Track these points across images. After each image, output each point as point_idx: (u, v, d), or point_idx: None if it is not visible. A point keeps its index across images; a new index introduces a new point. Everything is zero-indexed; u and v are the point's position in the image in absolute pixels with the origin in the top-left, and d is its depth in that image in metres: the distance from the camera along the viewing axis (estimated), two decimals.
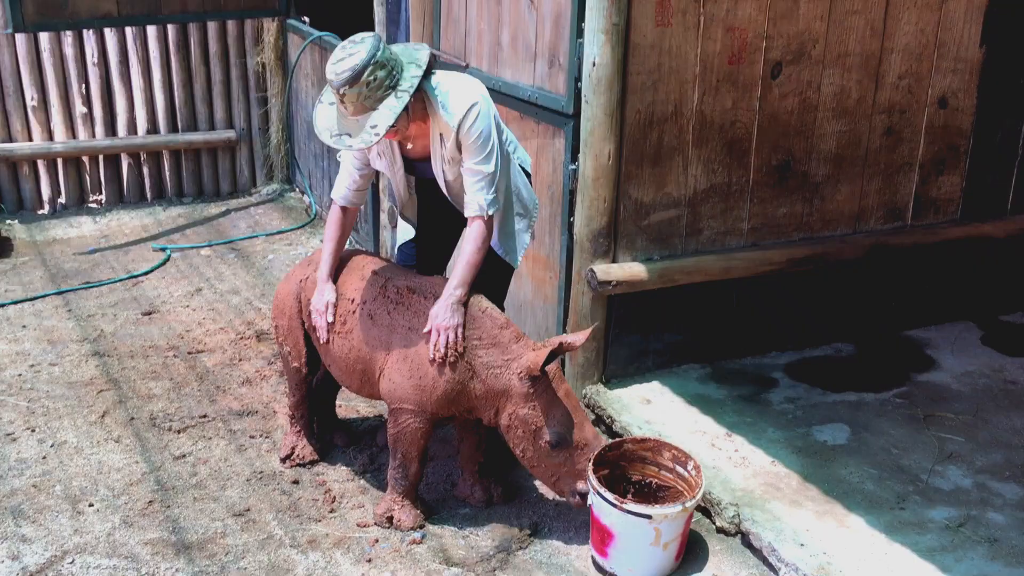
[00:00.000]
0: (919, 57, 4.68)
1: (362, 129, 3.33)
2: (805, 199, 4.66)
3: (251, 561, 3.48)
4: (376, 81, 3.27)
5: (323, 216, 7.03)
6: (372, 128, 3.31)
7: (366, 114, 3.31)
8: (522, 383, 3.40)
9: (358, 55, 3.26)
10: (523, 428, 3.43)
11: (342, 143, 3.39)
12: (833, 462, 3.91)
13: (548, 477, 3.50)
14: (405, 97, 3.31)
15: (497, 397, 3.45)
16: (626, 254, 4.33)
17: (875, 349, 4.90)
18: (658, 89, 4.15)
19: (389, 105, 3.30)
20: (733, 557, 3.51)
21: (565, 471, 3.46)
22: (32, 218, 7.09)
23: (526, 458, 3.49)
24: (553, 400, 3.42)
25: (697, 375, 4.58)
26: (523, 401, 3.41)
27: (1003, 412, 4.32)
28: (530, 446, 3.44)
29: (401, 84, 3.33)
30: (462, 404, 3.52)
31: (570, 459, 3.44)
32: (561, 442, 3.41)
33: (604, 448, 3.62)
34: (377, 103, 3.30)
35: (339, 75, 3.26)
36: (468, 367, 3.46)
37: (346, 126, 3.37)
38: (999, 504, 3.66)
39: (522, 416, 3.42)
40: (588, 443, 3.45)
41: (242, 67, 7.43)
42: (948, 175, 4.97)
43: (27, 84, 6.91)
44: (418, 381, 3.48)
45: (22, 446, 4.19)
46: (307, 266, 3.89)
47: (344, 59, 3.27)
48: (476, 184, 3.49)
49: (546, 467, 3.47)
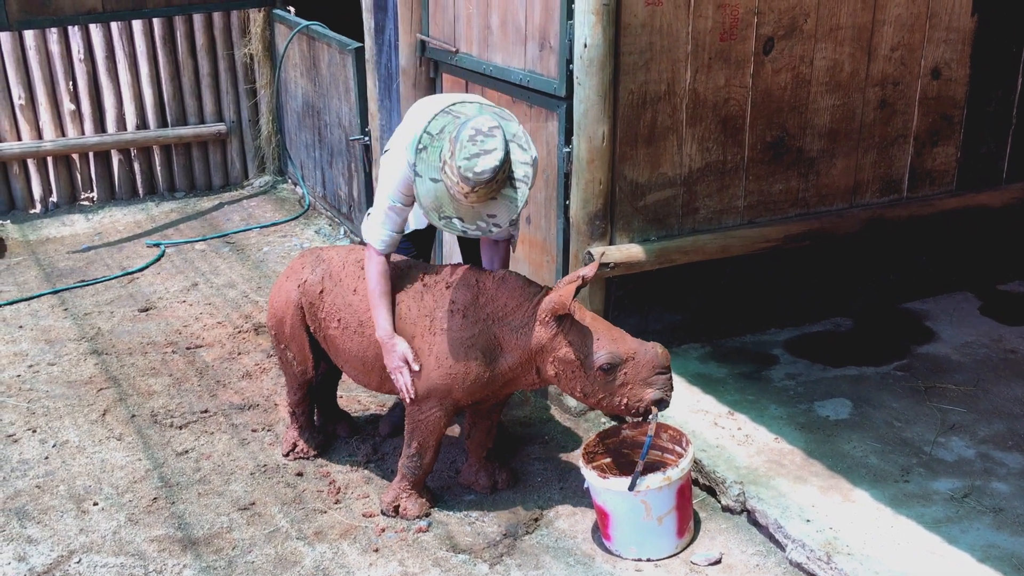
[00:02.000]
0: (911, 28, 4.65)
1: (478, 217, 3.29)
2: (800, 175, 4.65)
3: (258, 554, 3.48)
4: (503, 175, 3.24)
5: (316, 207, 7.00)
6: (490, 218, 3.29)
7: (483, 203, 3.28)
8: (548, 328, 3.38)
9: (496, 154, 3.18)
10: (571, 367, 3.38)
11: (454, 227, 3.33)
12: (836, 437, 3.92)
13: (617, 404, 3.40)
14: (524, 188, 3.29)
15: (534, 355, 3.43)
16: (623, 236, 4.31)
17: (874, 323, 4.90)
18: (650, 68, 4.13)
19: (510, 196, 3.29)
20: (739, 535, 3.52)
21: (629, 388, 3.37)
22: (24, 218, 7.06)
23: (587, 396, 3.42)
24: (584, 329, 3.38)
25: (697, 354, 4.58)
26: (558, 343, 3.37)
27: (1004, 382, 4.33)
28: (586, 381, 3.38)
29: (516, 172, 3.30)
30: (495, 383, 3.50)
31: (629, 373, 3.36)
32: (612, 361, 3.34)
33: (602, 435, 3.63)
34: (497, 193, 3.27)
35: (479, 175, 3.17)
36: (495, 343, 3.45)
37: (457, 209, 3.30)
38: (1003, 474, 3.67)
39: (563, 356, 3.38)
40: (636, 351, 3.37)
41: (230, 59, 7.38)
42: (943, 146, 4.96)
43: (14, 83, 6.86)
44: (448, 370, 3.45)
45: (24, 447, 4.17)
46: (303, 269, 3.81)
47: (481, 156, 3.18)
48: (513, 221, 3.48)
49: (610, 394, 3.38)
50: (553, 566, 3.40)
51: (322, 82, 6.50)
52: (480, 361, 3.44)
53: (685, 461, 3.39)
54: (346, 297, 3.66)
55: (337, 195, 6.61)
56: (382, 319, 3.52)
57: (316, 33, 6.43)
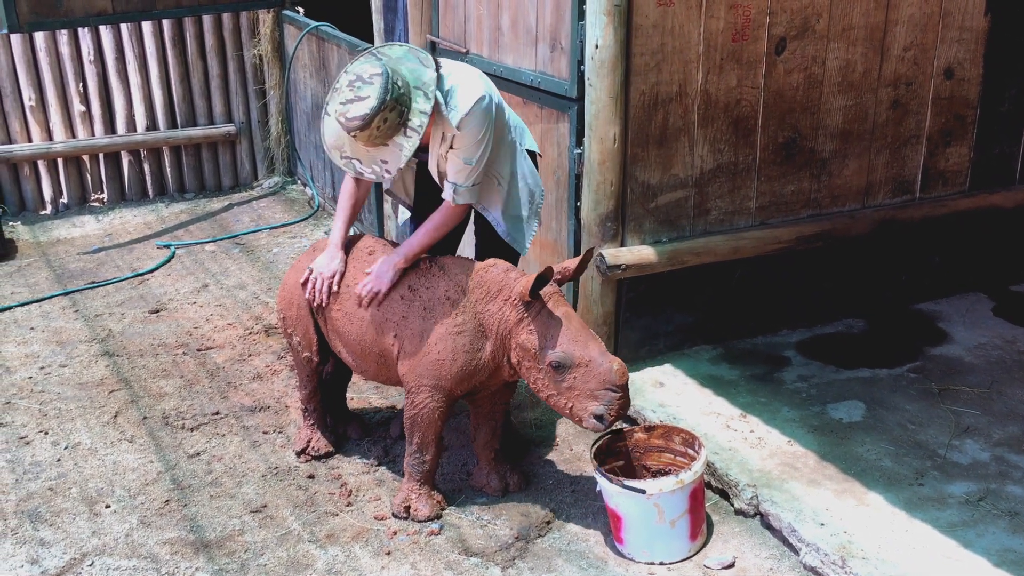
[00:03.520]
0: (924, 28, 4.63)
1: (373, 161, 3.36)
2: (813, 175, 4.63)
3: (271, 557, 3.48)
4: (387, 123, 3.26)
5: (326, 207, 7.00)
6: (383, 163, 3.35)
7: (376, 148, 3.32)
8: (516, 310, 3.38)
9: (367, 102, 3.21)
10: (527, 356, 3.36)
11: (351, 167, 3.42)
12: (849, 440, 3.90)
13: (562, 406, 3.34)
14: (415, 137, 3.30)
15: (505, 339, 3.43)
16: (634, 237, 4.30)
17: (887, 324, 4.87)
18: (662, 70, 4.11)
19: (400, 144, 3.30)
20: (753, 539, 3.50)
21: (576, 394, 3.30)
22: (35, 219, 7.07)
23: (539, 389, 3.38)
24: (549, 321, 3.33)
25: (709, 356, 4.57)
26: (520, 327, 3.37)
27: (1018, 383, 4.30)
28: (539, 374, 3.35)
29: (411, 122, 3.31)
30: (481, 373, 3.50)
31: (578, 379, 3.28)
32: (563, 361, 3.28)
33: (613, 438, 3.60)
34: (387, 140, 3.30)
35: (349, 121, 3.23)
36: (480, 329, 3.46)
37: (356, 150, 3.39)
38: (1018, 477, 3.64)
39: (522, 343, 3.36)
40: (593, 359, 3.27)
41: (239, 60, 7.38)
42: (955, 146, 4.94)
43: (24, 84, 6.87)
44: (436, 356, 3.47)
45: (36, 449, 4.18)
46: (313, 253, 3.87)
47: (353, 102, 3.22)
48: (456, 173, 3.51)
49: (558, 393, 3.33)
50: (566, 569, 3.39)
51: (332, 83, 6.49)
52: (466, 348, 3.45)
53: (698, 464, 3.38)
54: (348, 281, 3.70)
55: None
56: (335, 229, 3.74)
57: (326, 34, 6.42)
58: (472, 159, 3.48)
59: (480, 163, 3.51)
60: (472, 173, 3.51)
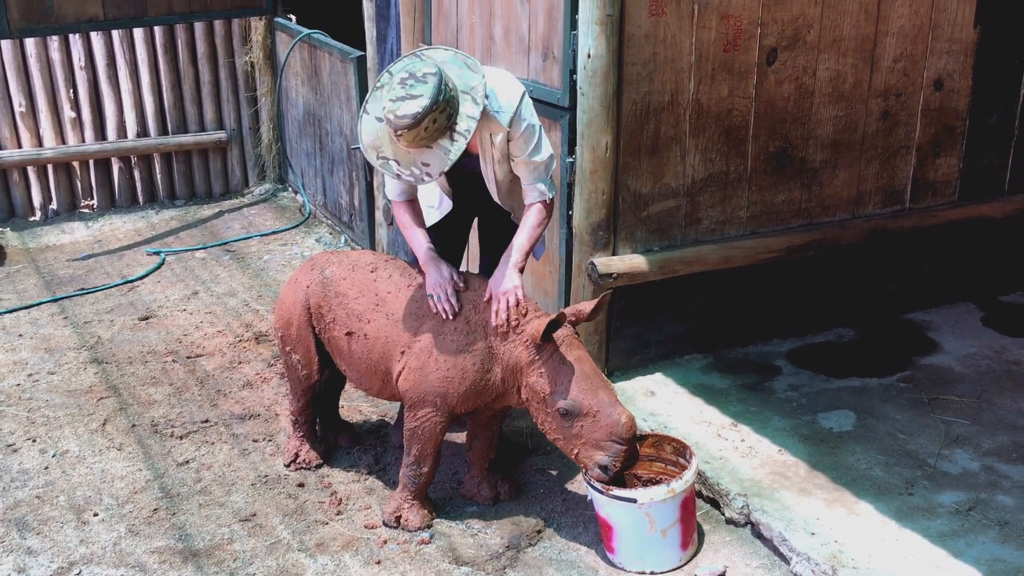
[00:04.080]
0: (914, 39, 4.66)
1: (412, 163, 3.25)
2: (803, 185, 4.64)
3: (260, 566, 3.46)
4: (435, 124, 3.16)
5: (317, 215, 6.99)
6: (425, 166, 3.23)
7: (418, 149, 3.22)
8: (528, 351, 3.37)
9: (420, 100, 3.11)
10: (535, 398, 3.37)
11: (388, 168, 3.29)
12: (840, 449, 3.91)
13: (570, 450, 3.36)
14: (462, 142, 3.21)
15: (516, 374, 3.42)
16: (626, 246, 4.31)
17: (877, 333, 4.89)
18: (654, 79, 4.12)
19: (445, 148, 3.21)
20: (744, 548, 3.50)
21: (582, 442, 3.31)
22: (24, 225, 7.04)
23: (545, 431, 3.41)
24: (560, 366, 3.33)
25: (700, 365, 4.57)
26: (530, 369, 3.36)
27: (1007, 394, 4.32)
28: (547, 417, 3.37)
29: (458, 126, 3.21)
30: (488, 395, 3.49)
31: (585, 428, 3.30)
32: (571, 409, 3.29)
33: None
34: (432, 143, 3.20)
35: (399, 119, 3.12)
36: (489, 351, 3.44)
37: (395, 152, 3.27)
38: (1007, 487, 3.65)
39: (531, 385, 3.37)
40: (601, 410, 3.28)
41: (231, 67, 7.37)
42: (945, 157, 4.96)
43: (14, 90, 6.85)
44: (445, 373, 3.44)
45: (24, 457, 4.15)
46: (311, 271, 3.83)
47: (405, 100, 3.13)
48: (533, 175, 3.49)
49: (564, 438, 3.35)
50: None
51: (323, 91, 6.49)
52: (476, 369, 3.44)
53: (689, 473, 3.38)
54: (352, 300, 3.66)
55: (338, 203, 6.60)
56: (421, 245, 3.57)
57: (318, 42, 6.42)
58: (539, 152, 3.46)
59: (546, 150, 3.49)
60: (547, 164, 3.50)
